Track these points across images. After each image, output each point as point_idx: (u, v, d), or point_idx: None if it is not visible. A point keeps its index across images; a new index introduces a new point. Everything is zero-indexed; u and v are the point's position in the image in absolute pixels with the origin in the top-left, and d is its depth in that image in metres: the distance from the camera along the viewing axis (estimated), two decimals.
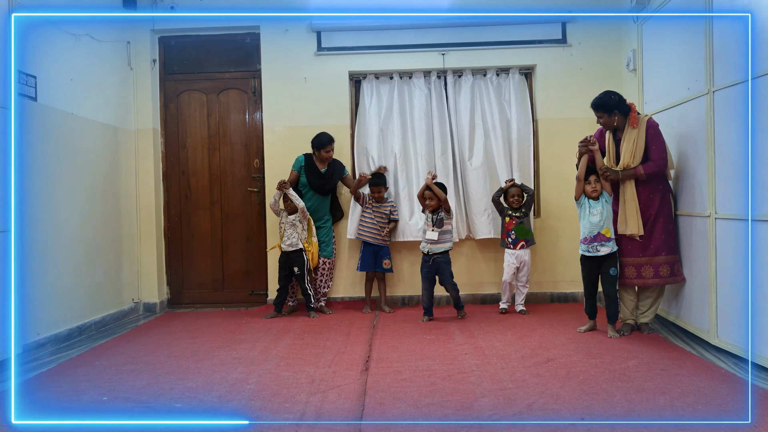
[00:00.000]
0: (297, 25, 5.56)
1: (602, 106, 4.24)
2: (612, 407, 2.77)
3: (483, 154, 5.48)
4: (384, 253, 5.26)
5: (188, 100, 5.79)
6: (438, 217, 4.75)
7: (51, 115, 4.34)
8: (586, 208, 4.16)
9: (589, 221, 4.12)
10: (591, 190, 4.14)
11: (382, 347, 3.98)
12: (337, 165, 5.34)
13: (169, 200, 5.79)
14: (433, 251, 4.75)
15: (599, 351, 3.75)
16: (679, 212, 4.26)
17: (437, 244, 4.74)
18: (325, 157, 5.19)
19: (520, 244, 4.99)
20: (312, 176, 5.21)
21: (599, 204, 4.12)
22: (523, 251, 5.00)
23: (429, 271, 4.82)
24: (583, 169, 4.16)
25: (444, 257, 4.79)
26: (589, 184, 4.15)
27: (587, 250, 4.16)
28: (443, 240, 4.77)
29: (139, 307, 5.57)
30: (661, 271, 4.11)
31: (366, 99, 5.61)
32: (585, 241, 4.16)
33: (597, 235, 4.09)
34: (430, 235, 4.75)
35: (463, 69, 5.58)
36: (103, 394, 3.15)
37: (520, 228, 5.01)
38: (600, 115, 4.27)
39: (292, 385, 3.19)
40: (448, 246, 4.80)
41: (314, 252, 5.15)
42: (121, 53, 5.40)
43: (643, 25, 4.90)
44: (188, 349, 4.08)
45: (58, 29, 4.45)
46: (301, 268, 5.04)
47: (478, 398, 2.93)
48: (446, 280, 4.80)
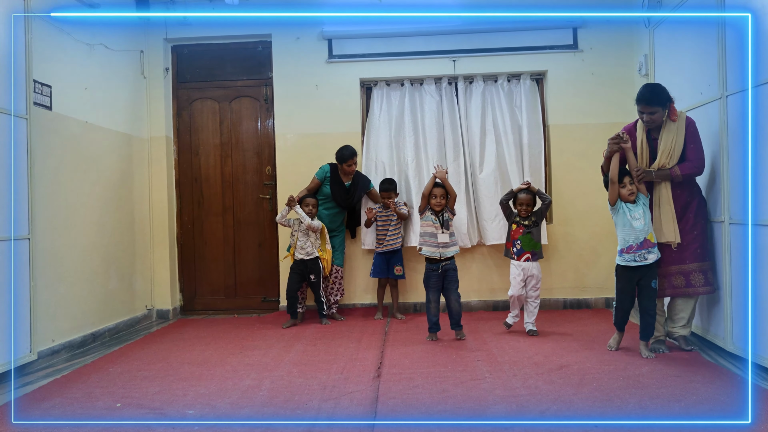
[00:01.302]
0: (308, 33, 5.60)
1: (656, 100, 3.74)
2: (626, 415, 2.75)
3: (494, 160, 5.47)
4: (396, 260, 5.20)
5: (201, 108, 5.84)
6: (444, 218, 4.37)
7: (66, 124, 4.39)
8: (625, 213, 3.70)
9: (632, 227, 3.66)
10: (628, 193, 3.71)
11: (394, 354, 3.97)
12: (362, 179, 5.29)
13: (182, 207, 5.83)
14: (445, 255, 4.32)
15: (613, 357, 3.72)
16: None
17: (450, 247, 4.34)
18: (347, 171, 5.16)
19: (525, 256, 4.44)
20: (337, 188, 5.19)
21: (639, 207, 3.69)
22: (530, 264, 4.45)
23: (437, 280, 4.37)
24: (615, 170, 3.73)
25: (452, 263, 4.39)
26: (624, 186, 3.73)
27: (633, 260, 3.68)
28: (454, 242, 4.41)
29: (152, 314, 5.60)
30: (694, 279, 3.77)
31: (377, 106, 5.63)
32: (630, 250, 3.67)
33: (644, 241, 3.64)
34: (442, 238, 4.31)
35: (474, 75, 5.58)
36: (116, 400, 3.17)
37: (527, 239, 4.46)
38: (653, 110, 3.76)
39: (305, 392, 3.20)
40: (456, 249, 4.42)
41: (328, 260, 5.09)
42: (134, 62, 5.46)
43: (655, 29, 4.88)
44: (201, 355, 4.10)
45: (73, 39, 4.50)
46: (318, 275, 4.99)
47: (491, 405, 2.92)
48: (453, 289, 4.37)
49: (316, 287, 5.02)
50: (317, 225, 4.98)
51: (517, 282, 4.46)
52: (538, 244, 4.52)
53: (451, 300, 4.35)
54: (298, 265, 5.02)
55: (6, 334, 3.58)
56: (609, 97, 5.49)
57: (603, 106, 5.49)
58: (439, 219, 4.36)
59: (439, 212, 4.36)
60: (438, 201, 4.35)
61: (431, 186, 4.37)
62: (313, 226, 4.94)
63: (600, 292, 5.50)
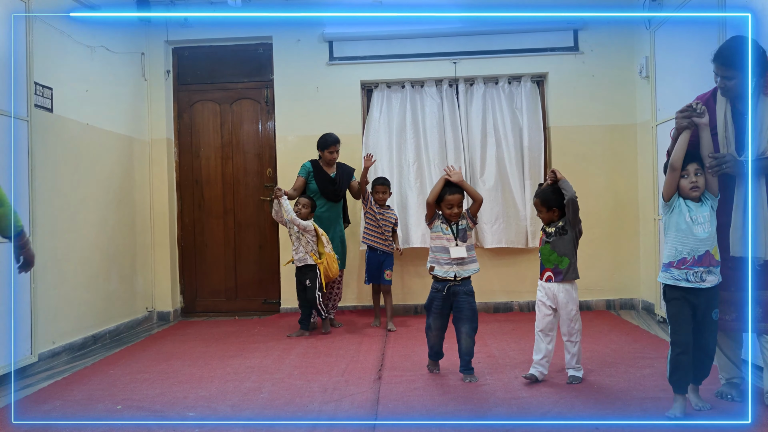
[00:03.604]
0: (309, 35, 5.60)
1: (737, 63, 2.68)
2: (627, 416, 2.74)
3: (495, 162, 5.48)
4: (387, 264, 4.91)
5: (201, 110, 5.84)
6: (460, 227, 3.43)
7: (67, 126, 4.40)
8: (684, 213, 2.73)
9: (691, 234, 2.70)
10: (690, 186, 2.71)
11: (394, 356, 3.97)
12: (346, 168, 5.09)
13: (183, 209, 5.83)
14: (461, 274, 3.39)
15: (614, 360, 3.71)
16: None
17: (466, 265, 3.41)
18: (329, 159, 4.91)
19: (546, 274, 3.30)
20: (323, 182, 4.92)
21: (705, 208, 2.73)
22: (554, 286, 3.28)
23: (443, 305, 3.43)
24: (681, 153, 2.70)
25: (466, 285, 3.42)
26: (686, 176, 2.73)
27: (686, 278, 2.71)
28: (471, 258, 3.45)
29: (153, 316, 5.60)
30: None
31: (377, 108, 5.63)
32: (682, 264, 2.71)
33: (705, 255, 2.68)
34: (456, 252, 3.37)
35: (474, 77, 5.58)
36: (117, 402, 3.16)
37: (546, 251, 3.31)
38: (731, 75, 2.73)
39: (305, 394, 3.19)
40: (475, 267, 3.47)
41: (328, 265, 4.66)
42: (135, 64, 5.47)
43: (656, 31, 4.88)
44: (201, 357, 4.09)
45: (74, 41, 4.51)
46: (313, 281, 4.62)
47: (492, 407, 2.91)
48: (466, 319, 3.38)
49: (311, 293, 4.63)
50: (306, 225, 4.60)
51: (539, 310, 3.33)
52: (565, 258, 3.27)
53: (461, 333, 3.41)
54: (297, 272, 4.75)
55: (6, 336, 3.57)
56: (610, 98, 5.49)
57: (604, 108, 5.49)
58: (452, 228, 3.43)
59: (454, 221, 3.46)
60: (455, 210, 3.41)
61: (440, 189, 3.42)
62: (302, 226, 4.58)
63: (600, 294, 5.49)
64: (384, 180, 4.98)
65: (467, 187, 3.46)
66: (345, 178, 5.05)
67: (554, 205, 3.27)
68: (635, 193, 5.47)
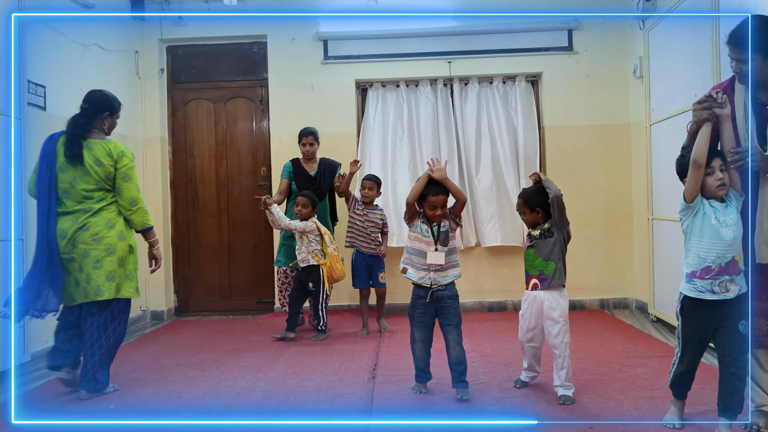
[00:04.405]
0: (304, 34, 5.59)
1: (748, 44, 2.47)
2: (621, 415, 2.75)
3: (490, 161, 5.48)
4: (378, 267, 4.68)
5: (196, 108, 5.83)
6: (442, 229, 3.10)
7: (60, 124, 4.32)
8: (709, 215, 2.46)
9: (718, 238, 2.43)
10: (717, 184, 2.45)
11: (389, 355, 3.97)
12: (329, 163, 4.87)
13: (177, 208, 5.81)
14: (438, 282, 3.08)
15: (608, 359, 3.72)
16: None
17: (444, 271, 3.09)
18: (304, 152, 4.76)
19: (532, 282, 3.05)
20: (302, 182, 4.75)
21: (731, 209, 2.47)
22: (540, 294, 3.02)
23: (426, 312, 3.12)
24: (704, 148, 2.43)
25: (450, 290, 3.11)
26: (712, 173, 2.46)
27: (711, 290, 2.46)
28: (451, 263, 3.12)
29: (147, 315, 5.58)
30: None
31: (372, 107, 5.63)
32: (707, 273, 2.45)
33: (731, 262, 2.44)
34: (433, 258, 3.06)
35: (469, 77, 5.59)
36: (110, 401, 3.15)
37: (529, 255, 3.07)
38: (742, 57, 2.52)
39: (299, 394, 3.19)
40: (456, 273, 3.14)
41: (331, 266, 4.48)
42: (129, 63, 5.45)
43: (650, 31, 4.89)
44: (195, 357, 4.08)
45: (67, 39, 4.49)
46: (316, 284, 4.45)
47: (486, 407, 2.92)
48: (452, 325, 3.09)
49: (315, 298, 4.52)
50: (305, 226, 4.42)
51: (523, 320, 3.12)
52: (550, 263, 3.00)
53: (449, 342, 3.09)
54: (299, 272, 4.60)
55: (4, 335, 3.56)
56: (604, 98, 5.51)
57: (598, 108, 5.51)
58: (433, 230, 3.09)
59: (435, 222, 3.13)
60: (438, 212, 3.08)
61: (422, 187, 3.08)
62: (300, 228, 4.41)
63: (594, 293, 5.50)
64: (373, 176, 4.74)
65: (450, 185, 3.09)
66: (326, 174, 4.84)
67: (537, 205, 3.04)
68: (629, 193, 5.49)
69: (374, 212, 4.70)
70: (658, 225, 4.80)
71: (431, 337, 3.19)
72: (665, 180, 4.57)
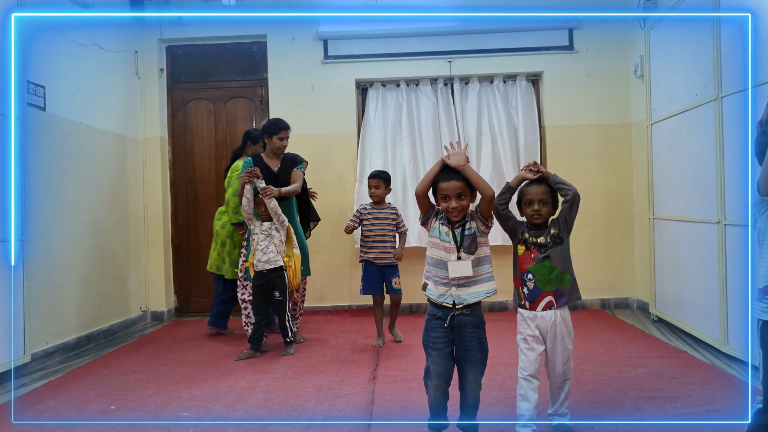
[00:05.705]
0: (304, 34, 5.59)
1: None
2: (621, 416, 2.75)
3: (491, 161, 5.47)
4: (393, 271, 4.26)
5: (195, 108, 5.82)
6: (468, 232, 2.43)
7: (59, 125, 4.37)
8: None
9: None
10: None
11: (389, 355, 3.96)
12: (289, 157, 4.35)
13: (177, 208, 5.81)
14: (463, 300, 2.38)
15: (609, 359, 3.72)
16: (686, 218, 4.23)
17: (472, 287, 2.40)
18: (278, 147, 4.24)
19: (545, 300, 2.49)
20: (264, 180, 4.09)
21: None
22: (552, 314, 2.48)
23: (445, 339, 2.41)
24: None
25: (476, 315, 2.42)
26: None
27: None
28: (482, 276, 2.43)
29: (147, 316, 5.57)
30: None
31: (372, 107, 5.62)
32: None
33: None
34: (456, 270, 2.38)
35: (470, 76, 5.58)
36: (110, 402, 3.15)
37: (545, 268, 2.50)
38: None
39: (300, 394, 3.18)
40: (489, 289, 2.43)
41: (296, 267, 4.07)
42: (128, 63, 5.44)
43: (651, 30, 4.89)
44: (195, 357, 4.08)
45: (67, 39, 4.48)
46: (283, 292, 4.01)
47: (487, 407, 2.91)
48: (472, 361, 2.41)
49: (281, 308, 4.05)
50: (285, 219, 4.04)
51: (530, 349, 2.51)
52: (566, 275, 2.49)
53: (467, 380, 2.43)
54: (258, 279, 4.03)
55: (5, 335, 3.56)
56: (605, 98, 5.50)
57: (599, 108, 5.50)
58: (455, 233, 2.42)
59: (459, 223, 2.45)
60: (453, 205, 2.37)
61: (434, 175, 2.41)
62: (283, 219, 4.01)
63: (595, 293, 5.49)
64: (378, 173, 4.32)
65: (471, 174, 2.36)
66: (287, 170, 4.32)
67: (556, 200, 2.57)
68: (630, 192, 5.48)
69: (386, 211, 4.27)
70: (659, 224, 4.79)
71: (451, 372, 2.44)
72: (666, 179, 4.56)
